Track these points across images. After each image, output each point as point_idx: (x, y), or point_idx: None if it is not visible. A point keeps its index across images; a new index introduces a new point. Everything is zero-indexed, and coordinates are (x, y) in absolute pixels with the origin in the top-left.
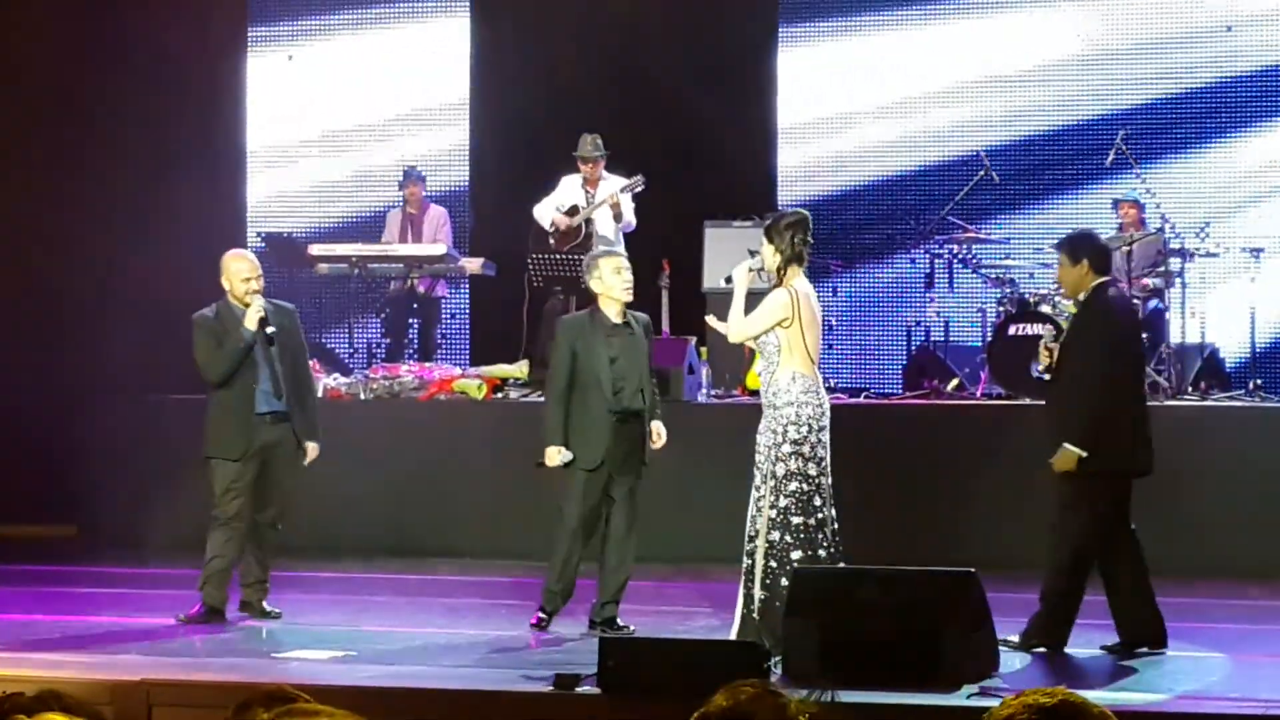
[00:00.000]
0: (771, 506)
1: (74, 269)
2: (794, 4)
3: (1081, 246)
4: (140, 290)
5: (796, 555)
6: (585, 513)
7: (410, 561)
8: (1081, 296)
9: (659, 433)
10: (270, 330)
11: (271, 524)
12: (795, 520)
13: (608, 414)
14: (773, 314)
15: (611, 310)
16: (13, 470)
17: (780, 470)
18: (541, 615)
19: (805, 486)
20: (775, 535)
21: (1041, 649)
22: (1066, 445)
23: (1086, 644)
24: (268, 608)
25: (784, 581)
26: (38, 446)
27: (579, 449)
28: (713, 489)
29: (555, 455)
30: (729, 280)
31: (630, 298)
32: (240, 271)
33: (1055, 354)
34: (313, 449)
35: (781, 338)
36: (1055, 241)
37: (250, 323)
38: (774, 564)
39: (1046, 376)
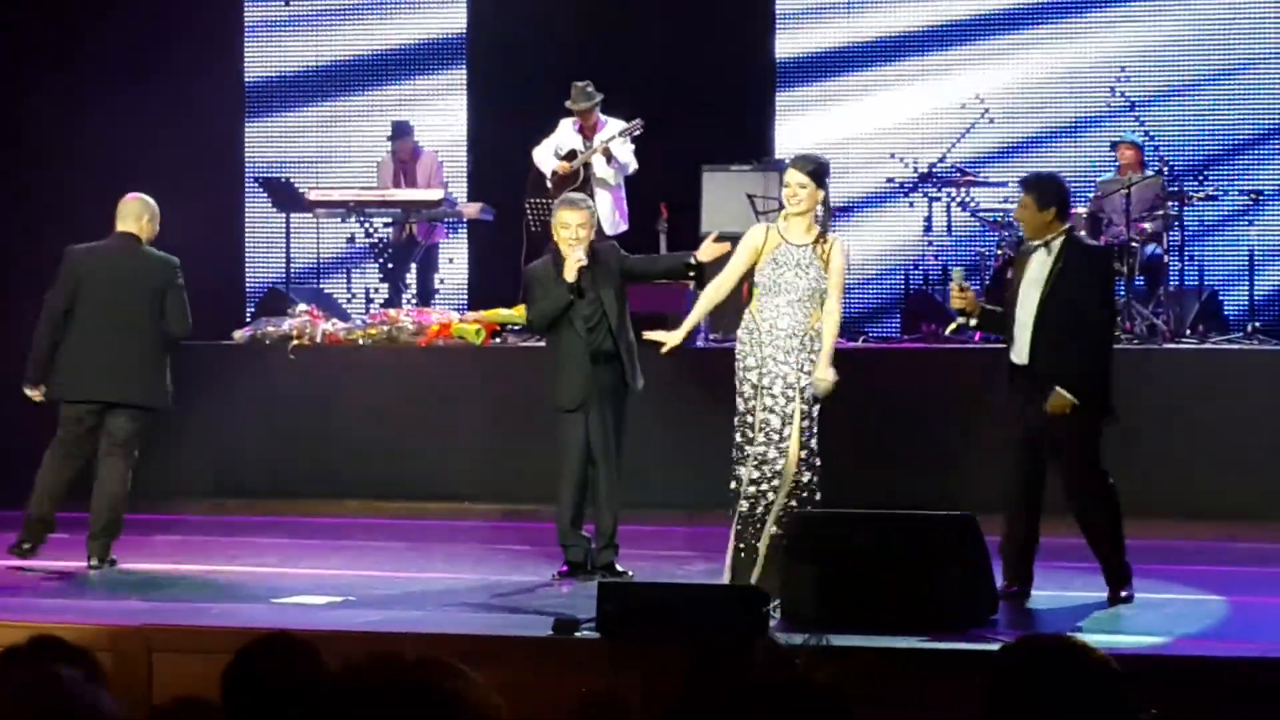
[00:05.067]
0: (803, 447)
1: (65, 214)
2: None
3: (1050, 191)
4: None
5: (819, 496)
6: (573, 455)
7: (409, 506)
8: (1050, 239)
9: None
10: None
11: None
12: (818, 461)
13: (585, 353)
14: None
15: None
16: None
17: (815, 411)
18: (565, 566)
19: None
20: (806, 476)
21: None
22: (1061, 389)
23: (1084, 587)
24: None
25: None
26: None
27: (560, 390)
28: (710, 433)
29: (571, 266)
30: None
31: (569, 251)
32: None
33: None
34: None
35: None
36: (1022, 179)
37: None
38: (795, 504)
39: (971, 323)
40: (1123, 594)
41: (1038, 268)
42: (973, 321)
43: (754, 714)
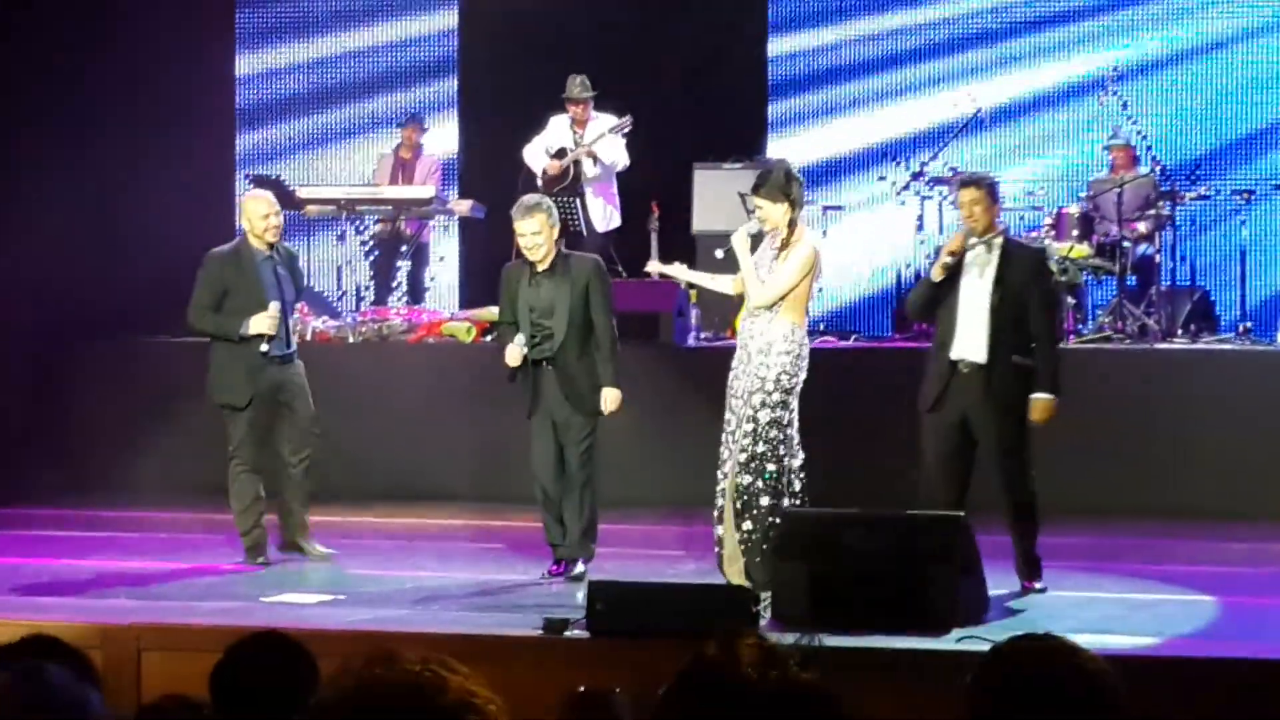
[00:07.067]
0: (744, 451)
1: (62, 213)
2: None
3: (995, 188)
4: (129, 233)
5: (765, 501)
6: (536, 459)
7: (399, 505)
8: (991, 238)
9: (609, 399)
10: (264, 349)
11: (295, 463)
12: (770, 467)
13: (528, 360)
14: (802, 270)
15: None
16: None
17: (764, 417)
18: (554, 565)
19: (782, 435)
20: (746, 479)
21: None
22: (1041, 395)
23: (1075, 587)
24: (320, 548)
25: (747, 525)
26: (27, 391)
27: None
28: (702, 433)
29: (513, 350)
30: (727, 253)
31: (532, 257)
32: (259, 210)
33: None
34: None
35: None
36: (965, 178)
37: (255, 328)
38: (739, 506)
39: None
40: (1038, 585)
41: (979, 267)
42: (943, 268)
43: (744, 714)
